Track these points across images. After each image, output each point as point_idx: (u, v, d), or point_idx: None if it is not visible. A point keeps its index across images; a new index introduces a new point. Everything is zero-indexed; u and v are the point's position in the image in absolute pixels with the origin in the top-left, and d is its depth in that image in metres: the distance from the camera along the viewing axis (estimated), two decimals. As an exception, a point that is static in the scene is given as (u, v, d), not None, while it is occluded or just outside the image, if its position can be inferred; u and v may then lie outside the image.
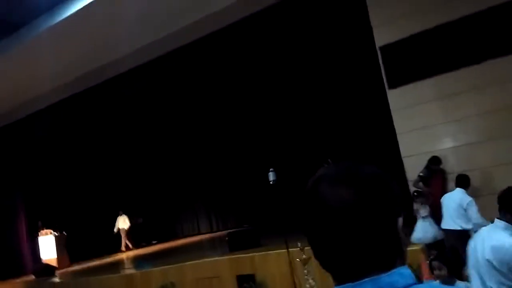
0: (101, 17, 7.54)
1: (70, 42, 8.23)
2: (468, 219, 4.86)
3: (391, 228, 0.76)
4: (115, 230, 13.48)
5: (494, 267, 2.51)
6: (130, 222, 13.76)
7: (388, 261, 0.75)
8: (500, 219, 2.64)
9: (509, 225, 2.59)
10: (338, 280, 0.76)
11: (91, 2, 7.12)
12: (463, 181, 5.14)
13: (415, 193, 5.57)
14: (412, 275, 0.76)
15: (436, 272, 3.16)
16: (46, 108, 10.86)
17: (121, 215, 13.57)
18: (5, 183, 12.29)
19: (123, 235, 13.64)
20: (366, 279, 0.73)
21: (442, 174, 6.07)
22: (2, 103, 10.89)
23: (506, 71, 5.73)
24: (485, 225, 3.20)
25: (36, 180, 12.65)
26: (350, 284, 0.74)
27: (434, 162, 5.92)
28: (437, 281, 3.13)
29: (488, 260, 2.54)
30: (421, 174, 5.91)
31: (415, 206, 5.41)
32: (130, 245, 13.79)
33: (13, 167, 12.43)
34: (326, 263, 0.77)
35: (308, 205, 0.78)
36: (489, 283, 2.55)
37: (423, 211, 5.31)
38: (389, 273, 0.73)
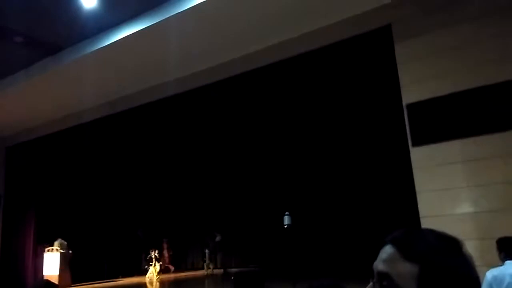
0: (141, 48, 7.86)
1: (105, 69, 8.56)
2: None
3: None
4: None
5: None
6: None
7: None
8: None
9: None
10: None
11: (132, 34, 7.45)
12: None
13: None
14: None
15: None
16: (69, 129, 11.04)
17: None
18: (20, 197, 12.40)
19: None
20: None
21: None
22: (27, 119, 11.20)
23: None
24: None
25: (51, 197, 12.73)
26: None
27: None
28: None
29: None
30: None
31: None
32: None
33: (29, 183, 12.54)
34: None
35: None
36: None
37: None
38: None
